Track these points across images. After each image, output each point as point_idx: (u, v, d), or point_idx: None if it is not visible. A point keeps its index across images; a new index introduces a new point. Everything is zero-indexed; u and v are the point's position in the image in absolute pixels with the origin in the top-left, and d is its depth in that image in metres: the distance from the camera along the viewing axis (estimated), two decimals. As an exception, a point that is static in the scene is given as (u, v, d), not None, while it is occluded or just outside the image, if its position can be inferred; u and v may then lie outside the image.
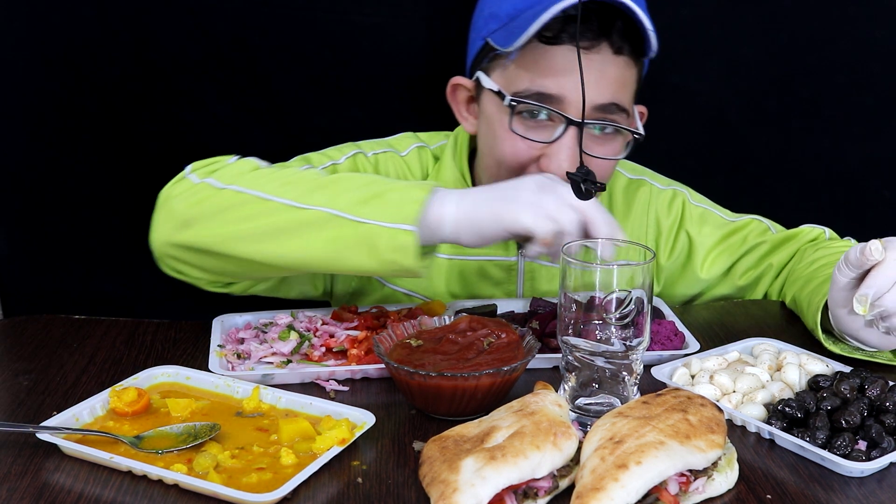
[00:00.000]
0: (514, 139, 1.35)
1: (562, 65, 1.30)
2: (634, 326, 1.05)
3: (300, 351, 1.24)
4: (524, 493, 0.92)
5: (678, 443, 0.92)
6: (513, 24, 1.31)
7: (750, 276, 1.55)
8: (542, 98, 1.32)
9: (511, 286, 1.51)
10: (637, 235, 1.56)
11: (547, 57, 1.31)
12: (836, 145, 1.83)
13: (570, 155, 1.32)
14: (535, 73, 1.32)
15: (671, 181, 1.61)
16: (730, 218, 1.59)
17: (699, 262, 1.56)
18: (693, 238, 1.56)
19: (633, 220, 1.57)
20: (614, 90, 1.33)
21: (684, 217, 1.57)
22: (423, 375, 1.06)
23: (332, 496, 0.95)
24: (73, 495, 0.94)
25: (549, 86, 1.31)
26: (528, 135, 1.34)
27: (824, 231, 1.55)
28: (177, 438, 1.03)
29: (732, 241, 1.56)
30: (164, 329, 1.37)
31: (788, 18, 1.76)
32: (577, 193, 1.29)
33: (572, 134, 1.32)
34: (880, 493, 0.96)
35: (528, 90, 1.32)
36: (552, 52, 1.30)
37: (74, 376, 1.21)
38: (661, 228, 1.58)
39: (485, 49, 1.38)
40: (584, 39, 1.29)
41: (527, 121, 1.35)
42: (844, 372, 1.15)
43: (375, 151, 1.51)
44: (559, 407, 1.00)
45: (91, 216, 1.76)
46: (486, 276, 1.51)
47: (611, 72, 1.32)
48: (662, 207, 1.58)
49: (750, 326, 1.41)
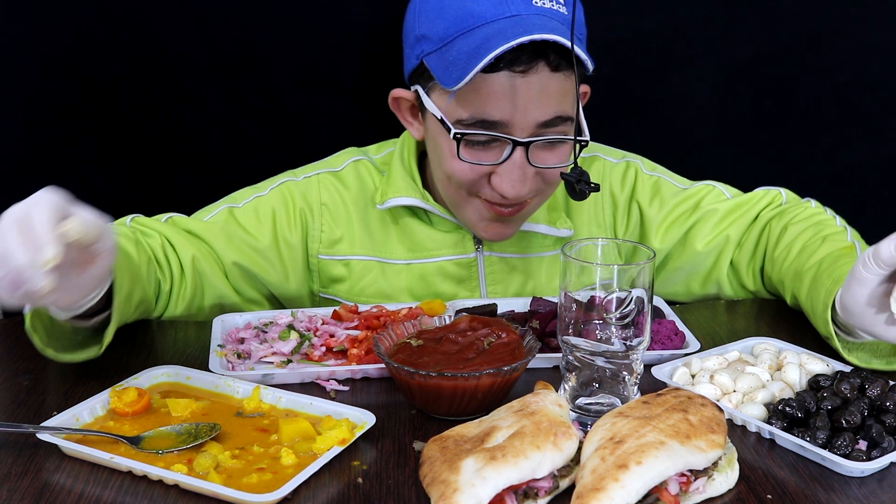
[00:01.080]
0: (462, 164, 1.36)
1: (501, 91, 1.29)
2: (635, 326, 1.05)
3: (300, 351, 1.24)
4: (524, 494, 0.92)
5: (678, 443, 0.92)
6: (449, 56, 1.30)
7: (709, 242, 1.53)
8: (485, 125, 1.32)
9: (473, 282, 1.52)
10: (594, 213, 1.56)
11: (486, 85, 1.29)
12: (836, 145, 1.83)
13: (521, 176, 1.34)
14: (477, 101, 1.31)
15: (625, 153, 1.60)
16: (682, 186, 1.58)
17: (652, 232, 1.56)
18: (643, 209, 1.56)
19: (592, 197, 1.54)
20: (556, 104, 1.32)
21: (636, 188, 1.57)
22: (424, 375, 1.06)
23: (332, 496, 0.95)
24: (73, 495, 0.94)
25: (491, 113, 1.31)
26: (474, 159, 1.35)
27: (780, 192, 1.55)
28: (177, 438, 1.03)
29: (686, 207, 1.55)
30: (164, 329, 1.37)
31: (788, 18, 1.76)
32: (572, 194, 1.29)
33: (520, 153, 1.33)
34: (881, 493, 0.96)
35: (472, 118, 1.32)
36: (490, 79, 1.29)
37: (74, 376, 1.21)
38: (616, 203, 1.58)
39: (421, 68, 1.37)
40: (521, 64, 1.28)
41: (474, 147, 1.35)
42: (845, 372, 1.15)
43: (307, 174, 1.54)
44: (559, 407, 1.00)
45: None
46: (447, 275, 1.52)
47: (551, 88, 1.31)
48: (616, 181, 1.57)
49: (750, 326, 1.41)
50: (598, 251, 1.11)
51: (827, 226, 1.44)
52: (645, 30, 1.74)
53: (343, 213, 1.52)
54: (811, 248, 1.38)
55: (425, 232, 1.51)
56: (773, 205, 1.54)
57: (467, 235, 1.51)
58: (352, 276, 1.52)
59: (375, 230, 1.52)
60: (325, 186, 1.53)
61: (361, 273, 1.52)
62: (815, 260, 1.34)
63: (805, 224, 1.45)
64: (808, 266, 1.34)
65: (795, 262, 1.39)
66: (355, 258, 1.52)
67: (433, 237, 1.51)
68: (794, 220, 1.48)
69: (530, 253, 1.54)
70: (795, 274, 1.37)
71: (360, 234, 1.52)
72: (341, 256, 1.52)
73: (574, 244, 1.09)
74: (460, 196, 1.41)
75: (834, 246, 1.35)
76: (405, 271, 1.51)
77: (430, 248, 1.51)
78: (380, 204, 1.49)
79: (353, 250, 1.52)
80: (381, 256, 1.52)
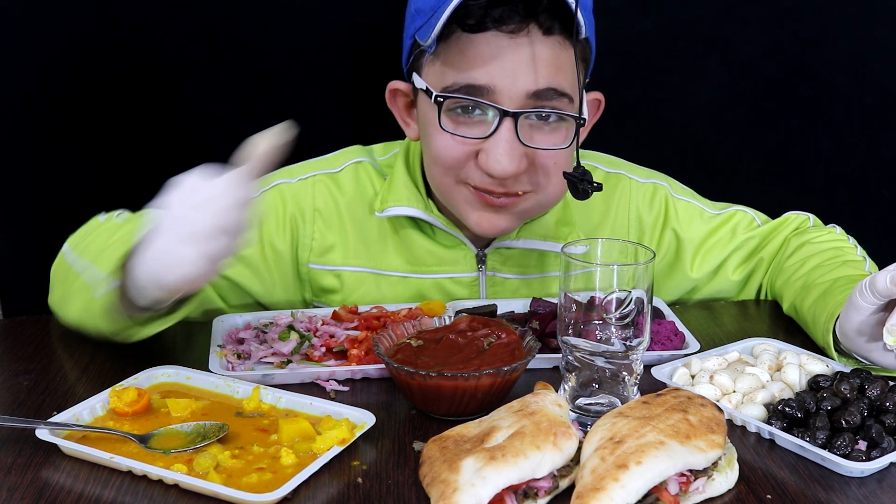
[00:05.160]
0: (445, 137, 1.28)
1: (488, 53, 1.22)
2: (634, 326, 1.05)
3: (300, 351, 1.24)
4: (524, 493, 0.92)
5: (678, 443, 0.92)
6: (433, 17, 1.23)
7: (742, 271, 1.51)
8: (471, 91, 1.24)
9: None
10: (619, 233, 1.50)
11: (472, 47, 1.23)
12: (836, 145, 1.84)
13: (509, 150, 1.24)
14: (462, 65, 1.24)
15: (651, 173, 1.55)
16: (714, 211, 1.54)
17: (689, 260, 1.51)
18: (680, 236, 1.51)
19: (614, 217, 1.50)
20: (549, 74, 1.24)
21: (668, 213, 1.51)
22: (424, 375, 1.06)
23: (332, 496, 0.95)
24: (73, 495, 0.94)
25: (477, 77, 1.23)
26: (458, 131, 1.27)
27: (808, 217, 1.53)
28: (186, 438, 1.03)
29: (721, 235, 1.51)
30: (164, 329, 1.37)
31: (788, 18, 1.76)
32: (574, 193, 1.28)
33: (508, 126, 1.24)
34: (880, 494, 0.96)
35: (456, 84, 1.25)
36: (477, 40, 1.22)
37: (74, 376, 1.21)
38: (643, 226, 1.51)
39: (414, 47, 1.31)
40: (510, 23, 1.21)
41: (459, 117, 1.28)
42: (844, 372, 1.15)
43: (303, 176, 1.47)
44: (559, 407, 1.00)
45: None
46: (445, 292, 1.45)
47: (543, 54, 1.23)
48: (644, 203, 1.51)
49: (750, 326, 1.41)
50: (598, 251, 1.11)
51: (847, 252, 1.42)
52: (645, 30, 1.75)
53: (336, 220, 1.45)
54: (827, 266, 1.36)
55: (426, 246, 1.44)
56: (800, 229, 1.52)
57: (470, 253, 1.44)
58: (344, 287, 1.45)
59: (372, 239, 1.45)
60: (321, 190, 1.45)
61: (354, 285, 1.45)
62: (831, 277, 1.31)
63: (826, 245, 1.43)
64: (820, 281, 1.32)
65: (807, 276, 1.36)
66: (348, 269, 1.45)
67: (434, 252, 1.44)
68: (814, 240, 1.46)
69: (535, 274, 1.47)
70: (804, 286, 1.35)
71: (355, 242, 1.45)
72: (333, 266, 1.45)
73: (574, 244, 1.09)
74: (448, 182, 1.33)
75: (853, 271, 1.33)
76: (401, 284, 1.45)
77: (430, 264, 1.44)
78: (379, 212, 1.41)
79: (346, 260, 1.45)
80: (375, 268, 1.45)
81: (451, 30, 1.24)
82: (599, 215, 1.50)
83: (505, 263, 1.46)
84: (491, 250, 1.45)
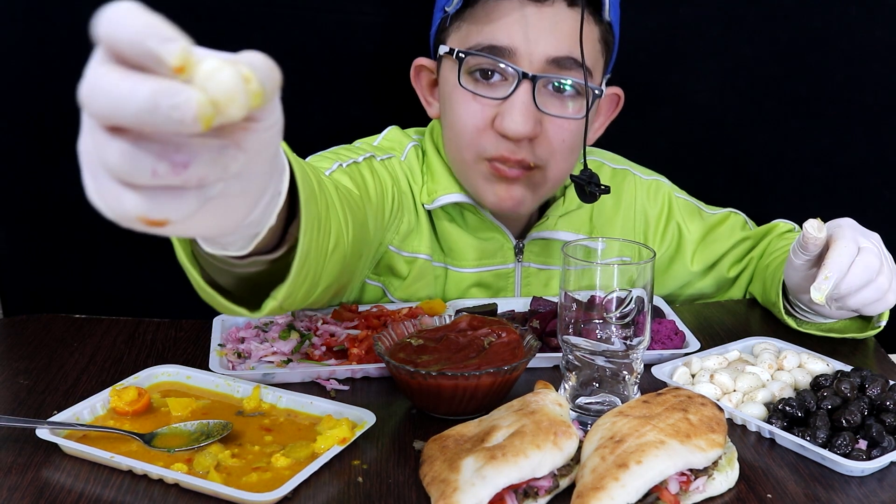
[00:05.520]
0: (466, 100, 1.31)
1: (512, 16, 1.25)
2: (635, 325, 1.05)
3: (301, 350, 1.24)
4: (525, 493, 0.92)
5: (679, 442, 0.92)
6: None
7: (737, 268, 1.56)
8: (492, 51, 1.28)
9: (509, 293, 1.50)
10: (627, 228, 1.55)
11: (497, 10, 1.27)
12: (836, 145, 1.83)
13: (524, 110, 1.27)
14: (485, 26, 1.28)
15: (650, 171, 1.60)
16: (710, 211, 1.60)
17: (689, 254, 1.56)
18: (682, 229, 1.56)
19: (623, 212, 1.55)
20: (570, 44, 1.27)
21: (672, 208, 1.56)
22: (424, 375, 1.06)
23: (332, 495, 0.95)
24: (73, 494, 0.94)
25: (498, 37, 1.27)
26: (478, 91, 1.30)
27: (794, 226, 1.58)
28: (190, 436, 1.03)
29: (718, 233, 1.56)
30: (164, 328, 1.37)
31: (788, 18, 1.76)
32: (581, 196, 1.28)
33: (526, 88, 1.27)
34: (881, 493, 0.96)
35: (479, 44, 1.28)
36: (502, 4, 1.26)
37: (75, 375, 1.21)
38: (648, 220, 1.56)
39: (443, 21, 1.35)
40: None
41: (479, 81, 1.31)
42: (845, 371, 1.15)
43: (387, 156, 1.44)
44: (559, 406, 1.00)
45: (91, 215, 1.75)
46: (484, 285, 1.48)
47: (566, 25, 1.27)
48: (647, 198, 1.56)
49: (750, 326, 1.41)
50: (598, 251, 1.11)
51: None
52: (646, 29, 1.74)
53: (413, 206, 1.43)
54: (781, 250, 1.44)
55: (465, 240, 1.45)
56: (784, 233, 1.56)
57: (507, 244, 1.46)
58: (410, 274, 1.44)
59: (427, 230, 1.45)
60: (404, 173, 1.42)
61: (418, 274, 1.44)
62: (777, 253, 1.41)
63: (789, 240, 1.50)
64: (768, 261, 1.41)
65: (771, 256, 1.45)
66: (422, 256, 1.44)
67: (472, 245, 1.45)
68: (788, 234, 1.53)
69: None
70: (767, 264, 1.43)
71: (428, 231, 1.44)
72: (409, 253, 1.43)
73: (574, 244, 1.09)
74: (468, 159, 1.34)
75: None
76: (443, 275, 1.47)
77: (470, 259, 1.45)
78: (428, 204, 1.41)
79: (421, 247, 1.44)
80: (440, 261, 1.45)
81: None
82: (610, 209, 1.55)
83: (539, 254, 1.49)
84: (529, 241, 1.48)
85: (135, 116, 0.52)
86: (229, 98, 0.53)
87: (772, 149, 1.84)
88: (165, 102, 0.51)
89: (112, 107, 0.52)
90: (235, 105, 0.53)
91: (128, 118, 0.52)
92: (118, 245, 1.77)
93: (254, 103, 0.54)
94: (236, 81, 0.53)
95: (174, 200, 0.57)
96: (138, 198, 0.56)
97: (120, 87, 0.52)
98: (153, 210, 0.56)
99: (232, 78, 0.53)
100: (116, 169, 0.55)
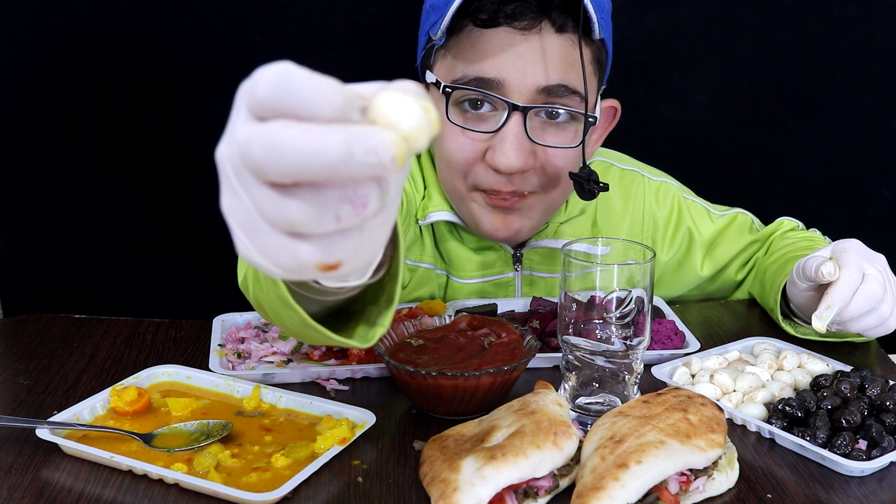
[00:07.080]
0: (454, 133, 1.28)
1: (499, 47, 1.21)
2: (635, 325, 1.05)
3: (300, 350, 1.24)
4: (524, 493, 0.92)
5: (678, 442, 0.92)
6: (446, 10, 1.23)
7: (744, 271, 1.55)
8: (480, 83, 1.23)
9: None
10: (635, 232, 1.53)
11: (483, 40, 1.23)
12: (836, 145, 1.83)
13: (516, 144, 1.23)
14: (472, 58, 1.24)
15: (659, 171, 1.58)
16: (718, 212, 1.57)
17: (699, 257, 1.54)
18: (692, 233, 1.54)
19: (632, 213, 1.53)
20: (561, 70, 1.24)
21: (682, 211, 1.54)
22: (424, 375, 1.06)
23: (332, 495, 0.95)
24: (73, 494, 0.94)
25: (486, 69, 1.23)
26: (467, 125, 1.26)
27: (797, 224, 1.57)
28: (190, 436, 1.03)
29: (728, 235, 1.55)
30: (164, 328, 1.37)
31: (788, 18, 1.76)
32: (580, 194, 1.28)
33: (516, 120, 1.23)
34: (881, 493, 0.96)
35: (466, 76, 1.24)
36: (488, 35, 1.22)
37: (75, 376, 1.21)
38: (657, 222, 1.53)
39: (428, 44, 1.31)
40: (523, 19, 1.21)
41: (467, 112, 1.27)
42: (845, 371, 1.15)
43: None
44: (559, 406, 1.00)
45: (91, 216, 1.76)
46: (485, 295, 1.46)
47: (554, 52, 1.23)
48: (655, 200, 1.54)
49: (750, 326, 1.41)
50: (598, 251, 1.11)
51: (818, 241, 1.47)
52: (646, 29, 1.74)
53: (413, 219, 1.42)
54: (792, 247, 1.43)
55: (464, 254, 1.44)
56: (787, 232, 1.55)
57: (505, 254, 1.45)
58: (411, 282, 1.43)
59: None
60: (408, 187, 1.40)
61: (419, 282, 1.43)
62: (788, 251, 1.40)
63: (800, 236, 1.49)
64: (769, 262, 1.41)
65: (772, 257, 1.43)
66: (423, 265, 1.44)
67: (471, 258, 1.44)
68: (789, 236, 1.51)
69: None
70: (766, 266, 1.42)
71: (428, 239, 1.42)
72: (411, 262, 1.43)
73: (574, 243, 1.09)
74: (461, 189, 1.33)
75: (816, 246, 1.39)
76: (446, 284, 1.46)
77: (470, 270, 1.44)
78: (422, 219, 1.40)
79: (422, 257, 1.43)
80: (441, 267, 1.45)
81: (464, 24, 1.25)
82: (619, 210, 1.52)
83: (541, 263, 1.47)
84: (528, 249, 1.47)
85: (329, 169, 0.50)
86: (419, 131, 0.53)
87: (772, 149, 1.84)
88: (360, 149, 0.50)
89: (302, 164, 0.50)
90: (423, 138, 0.53)
91: (321, 172, 0.50)
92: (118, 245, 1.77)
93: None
94: (423, 114, 0.53)
95: (345, 240, 0.56)
96: (313, 247, 0.54)
97: (307, 143, 0.50)
98: (329, 255, 0.55)
99: (420, 112, 0.53)
100: (298, 223, 0.53)
